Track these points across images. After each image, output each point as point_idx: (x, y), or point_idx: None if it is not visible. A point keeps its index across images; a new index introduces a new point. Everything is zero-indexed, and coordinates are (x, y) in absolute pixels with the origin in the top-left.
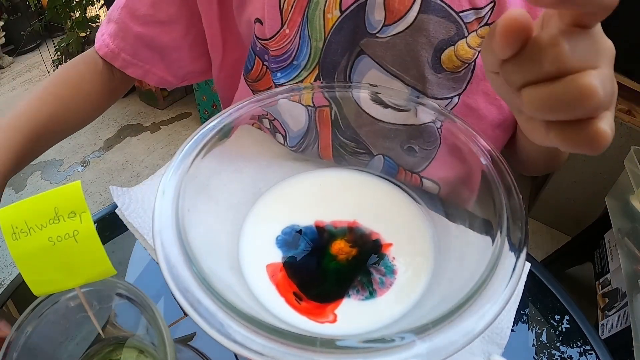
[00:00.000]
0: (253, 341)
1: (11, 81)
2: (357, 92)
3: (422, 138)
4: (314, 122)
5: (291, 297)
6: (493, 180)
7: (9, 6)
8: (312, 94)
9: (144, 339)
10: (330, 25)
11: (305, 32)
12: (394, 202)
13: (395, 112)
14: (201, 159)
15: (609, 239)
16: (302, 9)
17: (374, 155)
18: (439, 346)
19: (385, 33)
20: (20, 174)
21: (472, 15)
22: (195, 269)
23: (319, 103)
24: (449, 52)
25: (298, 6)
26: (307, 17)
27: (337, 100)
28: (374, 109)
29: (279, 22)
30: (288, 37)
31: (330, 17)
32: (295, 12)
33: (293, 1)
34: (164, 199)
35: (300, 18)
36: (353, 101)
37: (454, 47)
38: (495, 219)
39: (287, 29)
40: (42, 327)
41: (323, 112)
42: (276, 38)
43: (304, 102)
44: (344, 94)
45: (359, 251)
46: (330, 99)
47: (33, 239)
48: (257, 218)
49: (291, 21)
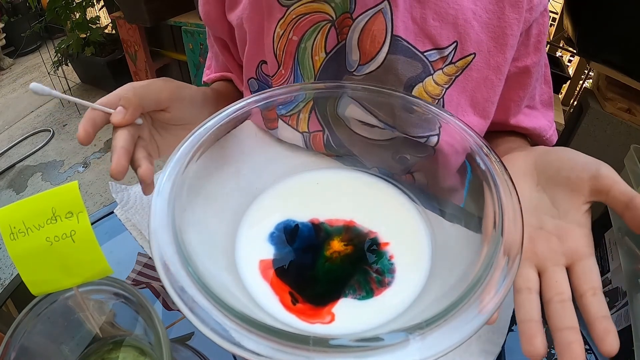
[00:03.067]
0: (248, 340)
1: (12, 82)
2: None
3: (412, 148)
4: (310, 145)
5: (287, 297)
6: (489, 179)
7: (9, 8)
8: (307, 118)
9: (142, 339)
10: (318, 66)
11: (298, 72)
12: (390, 201)
13: (381, 130)
14: (197, 159)
15: (609, 238)
16: (291, 54)
17: (368, 168)
18: (433, 345)
19: (360, 72)
20: (20, 175)
21: (435, 54)
22: (190, 268)
23: (313, 129)
24: (419, 88)
25: (287, 52)
26: (298, 60)
27: (329, 125)
28: (362, 129)
29: (276, 64)
30: (284, 76)
31: (317, 59)
32: (286, 57)
33: (283, 48)
34: (160, 199)
35: (291, 61)
36: (343, 124)
37: (422, 84)
38: (491, 218)
39: (283, 70)
40: (40, 327)
41: (316, 136)
42: (275, 77)
43: (300, 129)
44: (334, 119)
45: (356, 250)
46: (323, 124)
47: (31, 239)
48: (253, 217)
49: (285, 63)
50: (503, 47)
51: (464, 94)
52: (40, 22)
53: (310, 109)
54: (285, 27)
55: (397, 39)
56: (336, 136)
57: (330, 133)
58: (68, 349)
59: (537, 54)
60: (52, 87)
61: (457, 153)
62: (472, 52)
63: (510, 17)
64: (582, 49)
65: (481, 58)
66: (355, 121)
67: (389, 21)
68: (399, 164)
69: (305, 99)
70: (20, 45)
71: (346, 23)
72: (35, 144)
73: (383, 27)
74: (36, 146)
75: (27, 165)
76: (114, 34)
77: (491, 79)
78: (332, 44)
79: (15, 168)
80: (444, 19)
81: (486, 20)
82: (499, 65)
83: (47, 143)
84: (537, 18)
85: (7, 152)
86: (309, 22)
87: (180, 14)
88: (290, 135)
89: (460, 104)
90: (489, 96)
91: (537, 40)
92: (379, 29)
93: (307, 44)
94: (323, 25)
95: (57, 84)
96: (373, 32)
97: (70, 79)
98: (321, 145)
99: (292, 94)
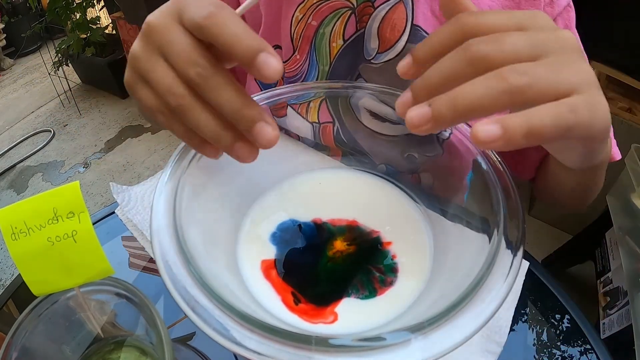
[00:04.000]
0: (250, 340)
1: (12, 83)
2: (358, 106)
3: (420, 147)
4: (319, 136)
5: (289, 297)
6: (490, 179)
7: (10, 8)
8: (318, 107)
9: (143, 339)
10: (335, 53)
11: (314, 58)
12: (392, 200)
13: (392, 125)
14: (199, 159)
15: (610, 237)
16: (309, 39)
17: (376, 164)
18: (435, 344)
19: (378, 59)
20: (21, 176)
21: None
22: (192, 268)
23: (324, 119)
24: None
25: (305, 37)
26: (315, 45)
27: (339, 116)
28: (373, 124)
29: (291, 49)
30: (299, 61)
31: (335, 46)
32: (303, 42)
33: (301, 32)
34: (162, 199)
35: (308, 47)
36: (355, 116)
37: None
38: (492, 218)
39: (298, 55)
40: (42, 327)
41: (326, 127)
42: (289, 62)
43: (310, 118)
44: (346, 110)
45: (359, 249)
46: (334, 115)
47: (32, 239)
48: (255, 217)
49: (300, 49)
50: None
51: None
52: (41, 23)
53: (322, 99)
54: (305, 11)
55: (417, 28)
56: (346, 129)
57: (341, 125)
58: (69, 349)
59: None
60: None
61: (466, 154)
62: None
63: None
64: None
65: None
66: (367, 114)
67: (409, 11)
68: (407, 162)
69: (315, 96)
70: (21, 46)
71: (367, 11)
72: (35, 144)
73: (404, 16)
74: (37, 146)
75: (27, 165)
76: (115, 34)
77: None
78: (351, 31)
79: (15, 168)
80: None
81: None
82: None
83: (47, 143)
84: (561, 12)
85: (7, 153)
86: (329, 7)
87: None
88: (299, 124)
89: None
90: None
91: None
92: (399, 18)
93: (325, 30)
94: (343, 12)
95: (58, 84)
96: (393, 21)
97: (71, 79)
98: (331, 138)
99: (299, 92)
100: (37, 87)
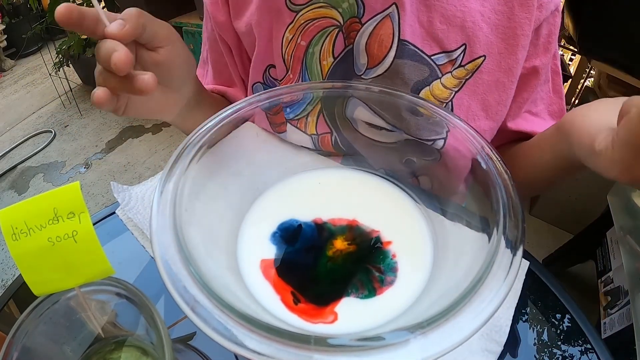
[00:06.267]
0: (250, 340)
1: (13, 84)
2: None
3: (418, 151)
4: (319, 145)
5: (289, 297)
6: (490, 179)
7: (11, 9)
8: (315, 120)
9: (144, 339)
10: (326, 70)
11: (306, 77)
12: (392, 200)
13: (389, 132)
14: (199, 159)
15: (611, 236)
16: (299, 59)
17: (375, 168)
18: (434, 344)
19: (368, 75)
20: (22, 176)
21: (443, 57)
22: (192, 268)
23: (321, 131)
24: (426, 92)
25: (295, 57)
26: (306, 65)
27: (337, 127)
28: (370, 132)
29: (284, 69)
30: (292, 81)
31: (325, 64)
32: (294, 62)
33: (291, 53)
34: (162, 199)
35: (299, 66)
36: (351, 126)
37: (430, 87)
38: (492, 217)
39: (291, 75)
40: (42, 327)
41: (325, 138)
42: (283, 81)
43: (308, 131)
44: (342, 121)
45: (359, 249)
46: (331, 126)
47: (33, 240)
48: (255, 217)
49: (293, 69)
50: (514, 48)
51: (475, 97)
52: (41, 24)
53: (318, 112)
54: (294, 32)
55: (404, 43)
56: (344, 138)
57: (338, 134)
58: (70, 349)
59: (546, 55)
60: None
61: (464, 157)
62: (482, 54)
63: (520, 17)
64: (583, 47)
65: (492, 60)
66: (363, 123)
67: (396, 25)
68: (406, 166)
69: (312, 100)
70: (22, 47)
71: (354, 28)
72: (36, 145)
73: (390, 32)
74: (38, 147)
75: (28, 166)
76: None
77: (503, 81)
78: (340, 48)
79: (17, 169)
80: (450, 22)
81: (495, 21)
82: (510, 66)
83: (48, 144)
84: (547, 17)
85: (8, 153)
86: (316, 27)
87: (181, 15)
88: (299, 137)
89: (470, 108)
90: (501, 99)
91: (546, 40)
92: (386, 34)
93: (314, 49)
94: (331, 30)
95: (59, 85)
96: (380, 37)
97: (72, 80)
98: (329, 146)
99: (294, 93)
100: (38, 87)
